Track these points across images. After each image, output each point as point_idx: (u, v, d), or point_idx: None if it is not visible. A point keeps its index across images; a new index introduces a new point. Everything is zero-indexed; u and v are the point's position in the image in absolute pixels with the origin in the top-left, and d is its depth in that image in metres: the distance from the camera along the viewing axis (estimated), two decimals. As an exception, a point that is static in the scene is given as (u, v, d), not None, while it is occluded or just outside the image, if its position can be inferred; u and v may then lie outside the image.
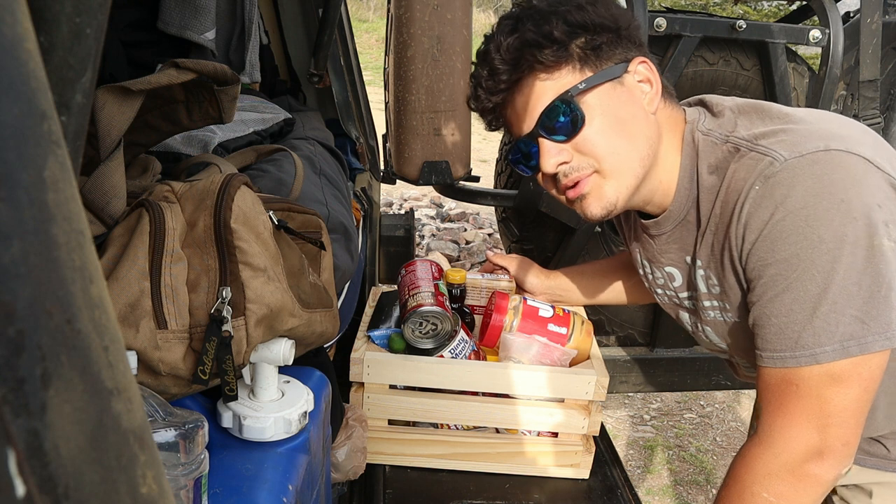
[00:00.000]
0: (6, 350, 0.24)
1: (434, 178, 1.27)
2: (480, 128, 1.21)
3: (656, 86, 1.06)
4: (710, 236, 1.05)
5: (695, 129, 1.07)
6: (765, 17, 7.12)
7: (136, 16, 1.76)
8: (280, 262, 0.89)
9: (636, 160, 1.04)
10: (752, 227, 0.94)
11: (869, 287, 0.87)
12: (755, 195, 0.93)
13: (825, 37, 2.09)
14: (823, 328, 0.89)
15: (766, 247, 0.92)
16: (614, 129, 1.03)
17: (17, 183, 0.25)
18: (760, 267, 0.94)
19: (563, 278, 1.59)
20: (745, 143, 0.98)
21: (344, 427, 1.21)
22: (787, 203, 0.89)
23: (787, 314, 0.92)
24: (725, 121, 1.05)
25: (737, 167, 0.98)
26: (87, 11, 0.38)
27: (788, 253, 0.90)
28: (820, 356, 0.90)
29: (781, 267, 0.91)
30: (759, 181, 0.92)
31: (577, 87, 1.01)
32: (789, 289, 0.91)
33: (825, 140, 0.91)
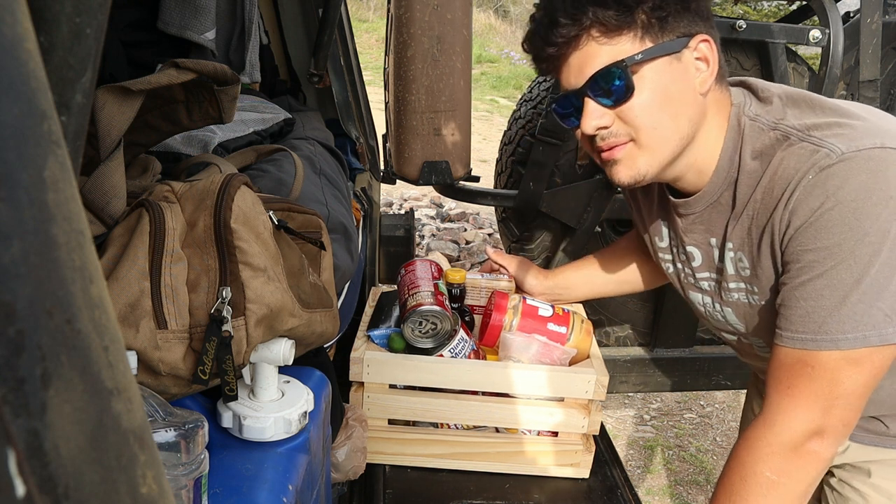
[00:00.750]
0: (6, 350, 0.24)
1: (434, 178, 1.27)
2: (481, 128, 1.22)
3: (713, 67, 1.03)
4: (748, 220, 1.05)
5: (741, 112, 1.05)
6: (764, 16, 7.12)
7: (136, 16, 1.76)
8: (280, 262, 0.89)
9: (675, 139, 1.03)
10: (799, 214, 0.95)
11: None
12: (807, 184, 0.94)
13: (825, 37, 2.09)
14: (850, 317, 0.91)
15: (810, 234, 0.94)
16: (660, 104, 1.01)
17: (17, 183, 0.25)
18: (800, 252, 0.95)
19: (561, 277, 1.60)
20: (797, 132, 0.98)
21: (344, 427, 1.21)
22: (839, 194, 0.91)
23: (816, 298, 0.94)
24: (774, 108, 1.04)
25: (785, 155, 0.98)
26: (87, 11, 0.38)
27: (831, 242, 0.92)
28: (841, 342, 0.92)
29: (821, 254, 0.93)
30: (812, 171, 0.93)
31: (634, 57, 0.99)
32: (824, 275, 0.93)
33: (881, 137, 0.92)
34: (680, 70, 1.02)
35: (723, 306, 1.19)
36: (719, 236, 1.13)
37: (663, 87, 1.01)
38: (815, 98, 1.03)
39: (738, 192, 1.06)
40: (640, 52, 0.99)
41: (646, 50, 0.99)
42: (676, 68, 1.01)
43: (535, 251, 2.44)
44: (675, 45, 1.00)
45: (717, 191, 1.09)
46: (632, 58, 0.99)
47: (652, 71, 1.00)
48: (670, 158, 1.05)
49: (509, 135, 2.52)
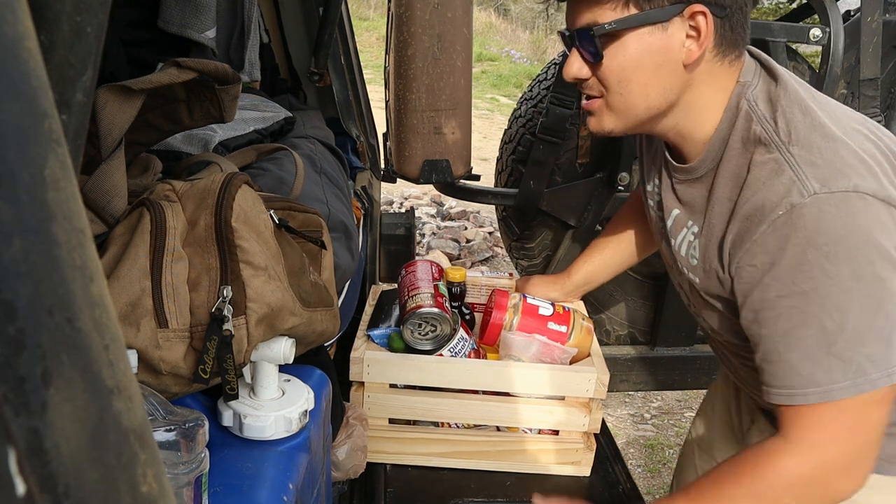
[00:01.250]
0: (7, 348, 0.24)
1: (434, 176, 1.27)
2: (481, 126, 1.22)
3: (705, 40, 0.98)
4: (711, 214, 1.05)
5: (743, 94, 1.02)
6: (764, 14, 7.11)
7: (136, 14, 1.76)
8: (281, 261, 0.89)
9: (641, 107, 1.03)
10: (768, 251, 0.93)
11: (881, 328, 0.89)
12: (777, 220, 0.92)
13: (825, 35, 2.09)
14: (838, 366, 0.90)
15: (784, 277, 0.92)
16: (631, 72, 1.00)
17: (17, 181, 0.25)
18: (774, 297, 0.93)
19: (578, 275, 1.59)
20: (779, 141, 0.95)
21: (344, 426, 1.21)
22: (813, 238, 0.89)
23: (801, 349, 0.92)
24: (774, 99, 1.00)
25: (760, 162, 0.96)
26: (87, 10, 0.38)
27: (808, 287, 0.90)
28: (832, 393, 0.91)
29: (798, 300, 0.91)
30: (783, 206, 0.91)
31: (604, 26, 0.98)
32: (806, 324, 0.91)
33: (854, 179, 0.89)
34: (662, 40, 0.98)
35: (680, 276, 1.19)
36: (689, 213, 1.12)
37: (637, 56, 0.99)
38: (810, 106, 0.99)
39: (718, 179, 1.04)
40: (614, 21, 0.97)
41: (621, 19, 0.97)
42: (658, 38, 0.98)
43: (535, 250, 2.44)
44: (660, 15, 0.96)
45: (704, 168, 1.07)
46: (601, 26, 0.98)
47: (631, 38, 0.98)
48: (635, 123, 1.06)
49: (510, 133, 2.52)
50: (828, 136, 0.94)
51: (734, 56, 1.02)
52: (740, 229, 0.97)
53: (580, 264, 1.61)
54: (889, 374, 0.91)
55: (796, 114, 0.97)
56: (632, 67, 1.00)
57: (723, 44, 1.00)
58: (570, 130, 2.19)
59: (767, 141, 0.96)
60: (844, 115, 1.01)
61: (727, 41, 1.00)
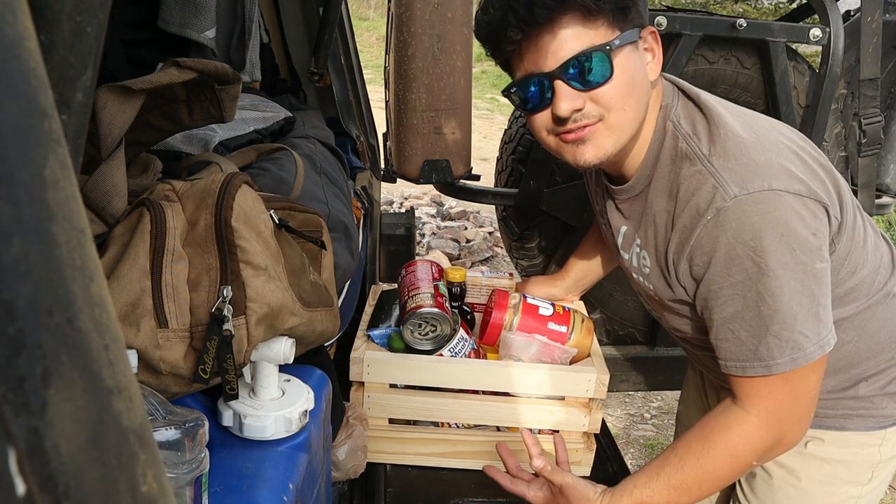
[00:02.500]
0: (7, 348, 0.24)
1: (434, 176, 1.27)
2: (481, 126, 1.23)
3: (657, 58, 1.11)
4: (652, 226, 1.15)
5: (668, 115, 1.12)
6: (763, 14, 7.11)
7: (136, 14, 1.76)
8: (281, 261, 0.89)
9: (635, 122, 1.09)
10: (705, 251, 1.05)
11: (808, 306, 1.02)
12: (707, 224, 1.03)
13: (825, 35, 2.09)
14: (776, 344, 1.03)
15: (720, 272, 1.04)
16: (629, 88, 1.06)
17: (17, 181, 0.25)
18: (717, 290, 1.06)
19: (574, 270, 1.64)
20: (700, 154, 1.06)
21: (344, 426, 1.21)
22: (739, 235, 1.00)
23: (745, 329, 1.05)
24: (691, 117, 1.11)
25: (687, 175, 1.07)
26: (87, 10, 0.38)
27: (742, 277, 1.02)
28: (773, 367, 1.04)
29: (737, 289, 1.03)
30: (711, 212, 1.02)
31: (614, 42, 1.03)
32: (747, 308, 1.03)
33: (768, 178, 1.01)
34: (638, 58, 1.08)
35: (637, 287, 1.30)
36: (635, 227, 1.22)
37: (631, 72, 1.06)
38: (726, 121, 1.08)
39: (651, 193, 1.15)
40: (617, 38, 1.03)
41: (620, 36, 1.04)
42: (636, 57, 1.07)
43: (535, 250, 2.44)
44: (634, 35, 1.06)
45: (640, 186, 1.17)
46: (612, 42, 1.03)
47: (623, 56, 1.05)
48: (628, 141, 1.11)
49: (510, 133, 2.52)
50: (741, 145, 1.05)
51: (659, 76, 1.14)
52: (680, 238, 1.08)
53: (574, 260, 1.65)
54: (821, 346, 1.04)
55: (713, 129, 1.08)
56: (630, 83, 1.06)
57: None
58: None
59: (692, 155, 1.07)
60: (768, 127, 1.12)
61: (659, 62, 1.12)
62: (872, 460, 1.30)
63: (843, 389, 1.25)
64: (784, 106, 2.14)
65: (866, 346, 1.22)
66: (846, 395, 1.26)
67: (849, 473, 1.30)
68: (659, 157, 1.12)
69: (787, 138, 1.10)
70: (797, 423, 1.09)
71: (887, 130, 2.35)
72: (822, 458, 1.30)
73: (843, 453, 1.29)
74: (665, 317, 1.27)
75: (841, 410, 1.27)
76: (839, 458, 1.29)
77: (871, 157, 2.30)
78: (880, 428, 1.27)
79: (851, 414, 1.27)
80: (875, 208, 2.47)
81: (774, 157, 1.04)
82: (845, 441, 1.28)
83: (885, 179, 2.43)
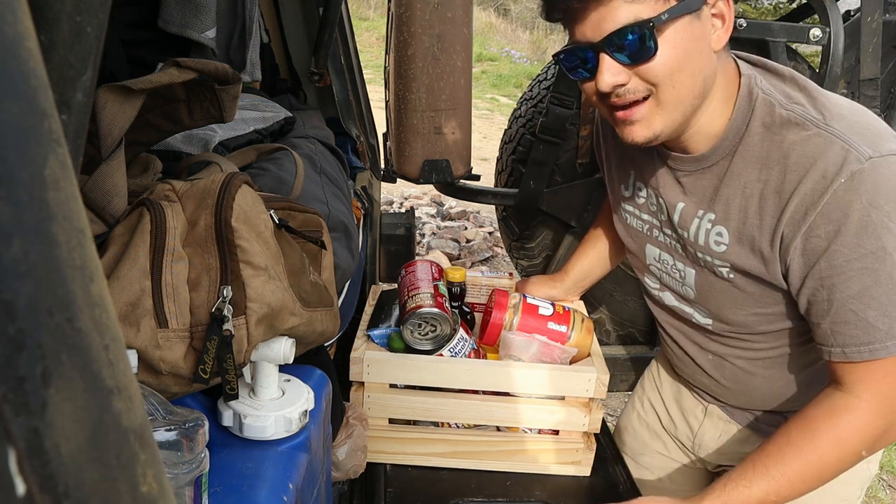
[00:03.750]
0: (7, 348, 0.24)
1: (434, 176, 1.27)
2: (481, 126, 1.23)
3: (728, 24, 1.02)
4: (740, 198, 1.07)
5: (754, 84, 1.05)
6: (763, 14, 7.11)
7: (136, 14, 1.76)
8: (281, 261, 0.89)
9: (690, 96, 1.02)
10: (833, 219, 0.96)
11: None
12: (840, 188, 0.95)
13: (825, 35, 2.09)
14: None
15: (850, 240, 0.95)
16: (681, 62, 0.99)
17: (17, 181, 0.25)
18: (843, 262, 0.97)
19: (574, 270, 1.62)
20: (814, 119, 0.99)
21: (344, 425, 1.21)
22: (875, 199, 0.93)
23: (878, 307, 0.96)
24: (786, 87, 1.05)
25: (799, 141, 0.99)
26: (87, 10, 0.38)
27: (876, 245, 0.94)
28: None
29: (869, 260, 0.95)
30: (844, 174, 0.94)
31: (661, 17, 0.96)
32: (879, 282, 0.95)
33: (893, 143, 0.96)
34: (699, 28, 0.99)
35: (685, 266, 1.20)
36: (699, 202, 1.13)
37: (684, 45, 0.99)
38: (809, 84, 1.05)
39: (734, 165, 1.07)
40: (666, 12, 0.96)
41: (671, 9, 0.96)
42: (696, 26, 0.99)
43: (535, 249, 2.44)
44: (695, 3, 0.98)
45: (717, 157, 1.09)
46: (658, 17, 0.95)
47: (674, 30, 0.98)
48: (683, 118, 1.04)
49: (510, 133, 2.52)
50: (855, 111, 1.00)
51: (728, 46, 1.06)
52: (798, 207, 0.99)
53: (575, 260, 1.63)
54: None
55: (814, 95, 1.02)
56: (681, 57, 0.99)
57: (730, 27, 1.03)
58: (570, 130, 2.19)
59: (800, 121, 1.00)
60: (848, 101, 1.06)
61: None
62: (862, 476, 1.26)
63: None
64: (784, 106, 2.14)
65: None
66: None
67: (843, 490, 1.25)
68: (749, 126, 1.05)
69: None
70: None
71: (887, 130, 2.35)
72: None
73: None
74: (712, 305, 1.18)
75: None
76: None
77: (871, 157, 2.30)
78: None
79: None
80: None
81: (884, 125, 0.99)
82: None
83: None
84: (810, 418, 1.04)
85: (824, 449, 1.03)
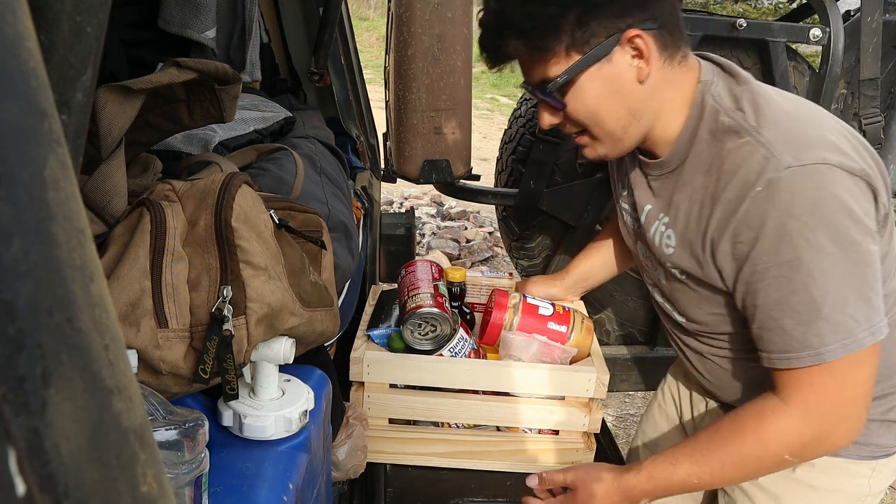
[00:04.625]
0: (7, 348, 0.24)
1: (434, 176, 1.27)
2: (481, 126, 1.24)
3: (650, 56, 1.04)
4: (685, 203, 1.10)
5: (706, 91, 1.08)
6: (763, 14, 7.11)
7: (136, 14, 1.76)
8: (281, 261, 0.89)
9: (620, 128, 1.09)
10: (752, 225, 0.98)
11: (861, 289, 0.96)
12: (756, 196, 0.97)
13: (825, 35, 2.09)
14: (827, 329, 0.96)
15: (768, 249, 0.97)
16: (597, 105, 1.07)
17: (17, 181, 0.25)
18: (762, 269, 0.99)
19: (576, 271, 1.61)
20: (749, 126, 1.01)
21: (344, 425, 1.21)
22: (791, 209, 0.94)
23: (792, 315, 0.98)
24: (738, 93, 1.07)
25: (733, 149, 1.01)
26: (87, 10, 0.38)
27: (791, 255, 0.95)
28: (825, 355, 0.97)
29: (784, 269, 0.96)
30: (761, 183, 0.96)
31: (557, 81, 1.04)
32: (795, 292, 0.96)
33: (822, 150, 0.96)
34: (611, 71, 1.05)
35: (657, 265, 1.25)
36: (661, 206, 1.18)
37: (596, 91, 1.06)
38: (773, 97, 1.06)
39: (685, 171, 1.11)
40: (564, 73, 1.04)
41: (568, 69, 1.04)
42: (607, 70, 1.05)
43: (535, 250, 2.44)
44: (601, 51, 1.03)
45: (674, 163, 1.13)
46: (555, 82, 1.05)
47: (584, 80, 1.05)
48: (629, 141, 1.12)
49: (510, 133, 2.52)
50: (792, 117, 1.01)
51: (681, 56, 1.09)
52: (723, 213, 1.02)
53: (578, 261, 1.63)
54: (872, 332, 0.97)
55: (760, 103, 1.03)
56: (595, 103, 1.07)
57: (666, 49, 1.07)
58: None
59: (737, 128, 1.02)
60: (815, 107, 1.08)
61: (669, 46, 1.07)
62: (861, 492, 1.24)
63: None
64: (784, 106, 2.14)
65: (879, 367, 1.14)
66: None
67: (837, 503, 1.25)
68: (697, 132, 1.08)
69: (836, 120, 1.06)
70: (841, 421, 1.02)
71: (887, 130, 2.35)
72: (810, 484, 1.24)
73: (832, 481, 1.23)
74: (681, 303, 1.22)
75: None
76: (827, 485, 1.24)
77: (871, 157, 2.30)
78: (872, 458, 1.22)
79: None
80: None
81: (826, 132, 0.99)
82: (835, 468, 1.22)
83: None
84: (741, 415, 1.07)
85: (746, 445, 1.05)
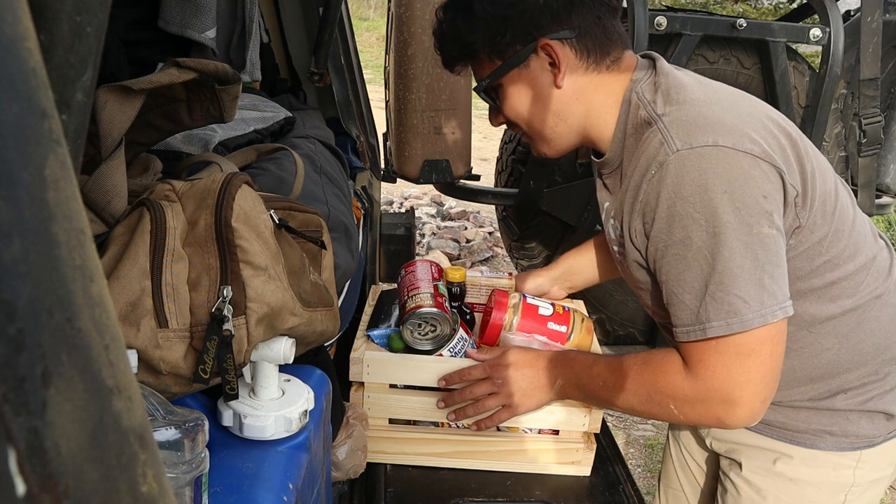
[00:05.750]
0: (7, 348, 0.24)
1: (434, 176, 1.27)
2: (481, 126, 1.27)
3: (561, 63, 1.10)
4: (622, 194, 1.14)
5: (633, 88, 1.13)
6: (763, 14, 7.11)
7: (136, 14, 1.76)
8: (281, 261, 0.89)
9: (549, 129, 1.16)
10: (649, 207, 1.04)
11: (751, 270, 0.98)
12: (650, 179, 1.03)
13: (825, 35, 2.09)
14: (712, 305, 0.99)
15: (663, 228, 1.02)
16: (520, 109, 1.15)
17: (17, 181, 0.25)
18: (662, 249, 1.04)
19: (565, 263, 1.61)
20: (656, 115, 1.06)
21: (344, 425, 1.21)
22: (679, 190, 0.99)
23: (686, 292, 1.02)
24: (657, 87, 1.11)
25: (646, 136, 1.07)
26: (87, 10, 0.38)
27: (682, 235, 1.00)
28: (708, 330, 1.00)
29: (678, 248, 1.01)
30: (654, 167, 1.02)
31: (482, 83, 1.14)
32: (688, 268, 1.01)
33: (715, 134, 0.99)
34: (528, 77, 1.13)
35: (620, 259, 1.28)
36: (613, 201, 1.22)
37: (517, 95, 1.15)
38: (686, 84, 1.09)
39: (624, 166, 1.15)
40: (489, 76, 1.13)
41: (493, 72, 1.13)
42: (526, 76, 1.13)
43: (535, 250, 2.44)
44: (519, 58, 1.11)
45: (615, 160, 1.17)
46: (481, 84, 1.14)
47: (507, 83, 1.14)
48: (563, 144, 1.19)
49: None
50: (694, 103, 1.04)
51: (610, 61, 1.14)
52: (632, 196, 1.08)
53: (569, 255, 1.64)
54: (762, 315, 0.98)
55: (671, 92, 1.08)
56: (518, 104, 1.15)
57: (590, 56, 1.12)
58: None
59: (649, 119, 1.07)
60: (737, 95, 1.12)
61: (594, 53, 1.12)
62: (845, 482, 1.24)
63: (820, 399, 1.20)
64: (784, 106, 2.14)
65: (848, 356, 1.16)
66: (822, 406, 1.20)
67: (817, 495, 1.25)
68: (626, 129, 1.13)
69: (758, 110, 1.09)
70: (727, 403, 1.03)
71: (887, 130, 2.36)
72: (790, 477, 1.25)
73: (813, 474, 1.24)
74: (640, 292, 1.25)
75: (814, 425, 1.22)
76: (808, 478, 1.24)
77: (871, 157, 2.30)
78: (854, 449, 1.21)
79: (824, 431, 1.21)
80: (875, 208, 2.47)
81: (730, 116, 1.02)
82: (815, 460, 1.23)
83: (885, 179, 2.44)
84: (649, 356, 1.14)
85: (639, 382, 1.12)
